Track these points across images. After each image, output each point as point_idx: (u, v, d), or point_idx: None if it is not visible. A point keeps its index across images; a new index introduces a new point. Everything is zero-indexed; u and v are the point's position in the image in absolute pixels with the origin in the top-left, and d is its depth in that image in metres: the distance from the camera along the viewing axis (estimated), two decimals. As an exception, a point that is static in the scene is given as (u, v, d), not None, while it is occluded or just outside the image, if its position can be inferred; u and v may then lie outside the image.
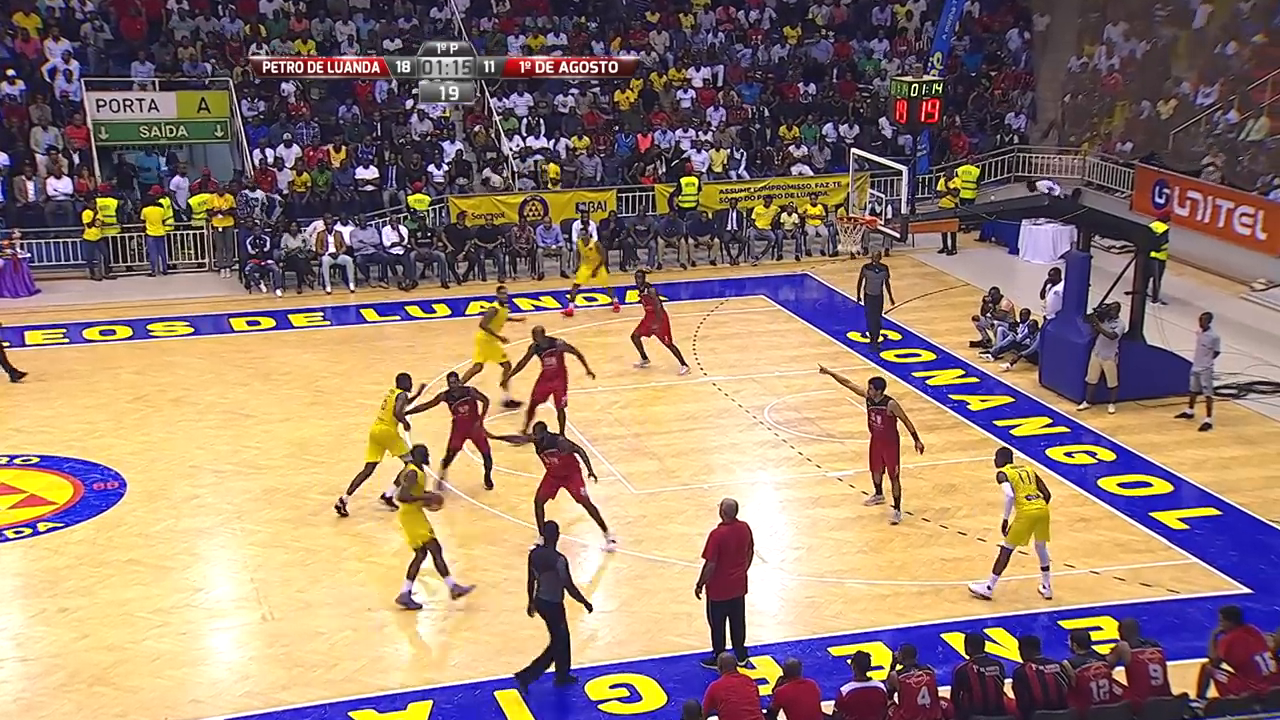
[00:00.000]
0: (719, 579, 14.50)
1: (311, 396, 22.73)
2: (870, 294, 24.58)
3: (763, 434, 21.25)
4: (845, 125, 35.24)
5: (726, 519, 14.60)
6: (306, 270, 28.77)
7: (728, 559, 14.47)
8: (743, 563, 14.59)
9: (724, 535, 14.51)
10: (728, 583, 14.55)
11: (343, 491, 18.50)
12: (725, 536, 14.50)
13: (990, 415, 22.00)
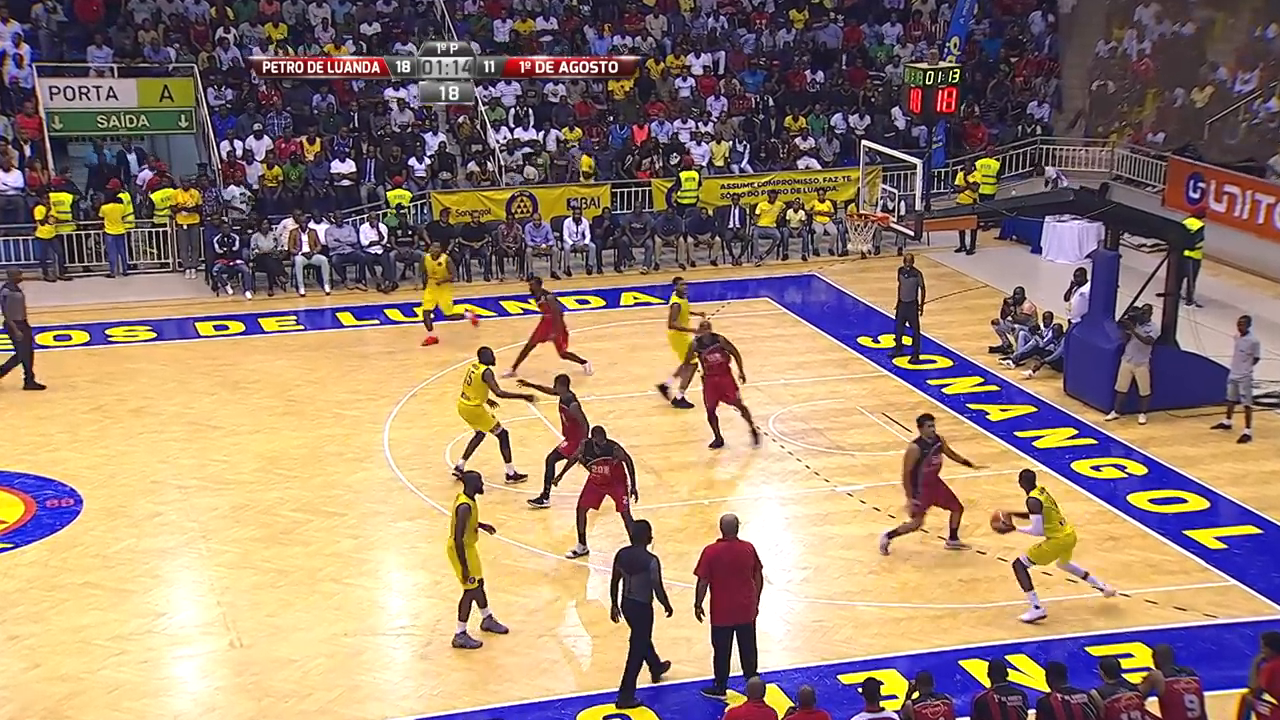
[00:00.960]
0: (719, 601, 14.43)
1: (283, 406, 22.68)
2: (903, 300, 24.52)
3: (767, 446, 21.20)
4: (855, 115, 35.25)
5: (724, 536, 14.53)
6: (278, 271, 28.72)
7: (722, 579, 14.38)
8: (743, 586, 14.46)
9: (717, 553, 14.46)
10: (728, 606, 14.46)
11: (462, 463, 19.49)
12: (719, 554, 14.44)
13: (1011, 426, 21.96)
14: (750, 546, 14.54)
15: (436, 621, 16.23)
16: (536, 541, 18.17)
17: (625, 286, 29.26)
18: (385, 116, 32.97)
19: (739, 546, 14.51)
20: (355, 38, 34.47)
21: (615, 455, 17.57)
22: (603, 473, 17.58)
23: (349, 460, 20.67)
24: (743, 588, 14.46)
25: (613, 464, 17.53)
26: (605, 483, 17.64)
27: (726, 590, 14.42)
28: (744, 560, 14.46)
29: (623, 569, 14.65)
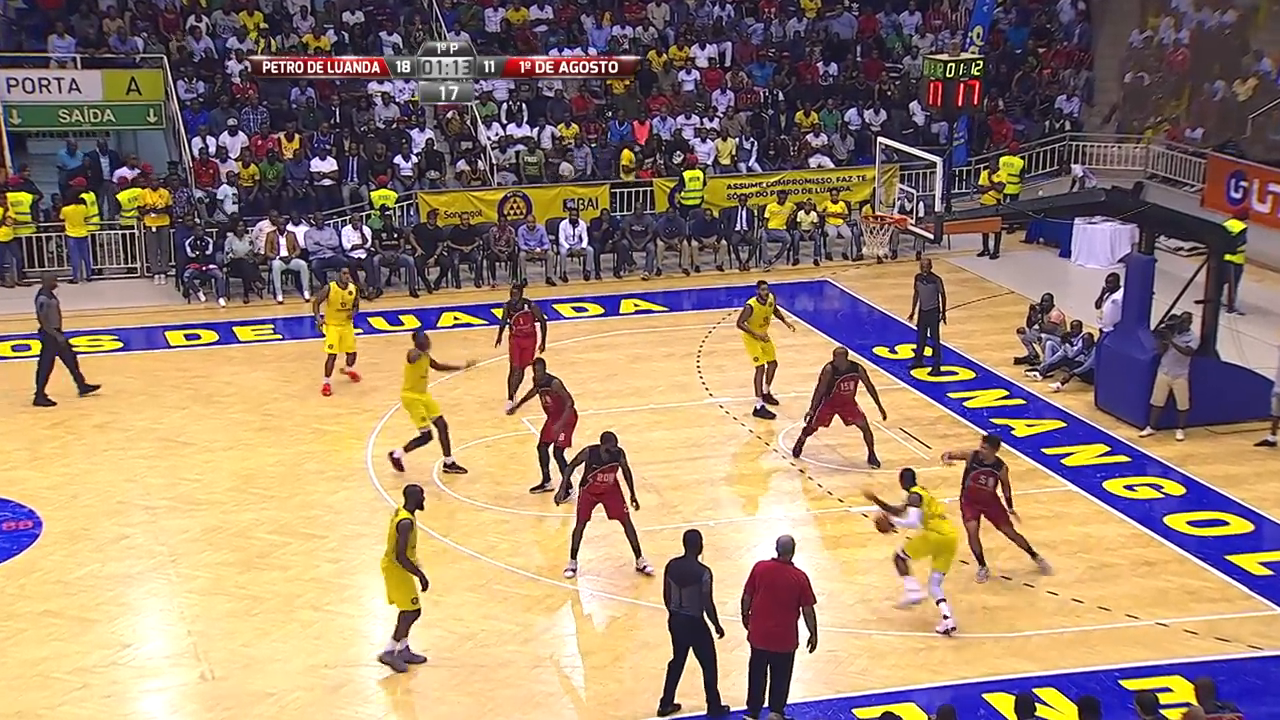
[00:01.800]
0: (754, 621, 14.53)
1: (260, 421, 22.66)
2: (923, 308, 24.52)
3: (777, 463, 21.20)
4: (871, 110, 35.26)
5: (778, 557, 14.55)
6: (254, 276, 28.73)
7: (762, 600, 14.45)
8: (782, 612, 14.46)
9: (760, 573, 14.54)
10: (763, 629, 14.53)
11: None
12: (765, 574, 14.51)
13: (1038, 442, 21.94)
14: (801, 577, 14.44)
15: (424, 652, 16.18)
16: (529, 565, 18.12)
17: (625, 293, 29.25)
18: (369, 111, 32.99)
19: (789, 573, 14.50)
20: (337, 26, 34.50)
21: (621, 463, 17.72)
22: (607, 481, 17.72)
23: (329, 479, 20.65)
24: (781, 614, 14.43)
25: (616, 472, 17.68)
26: (603, 492, 17.72)
27: (767, 613, 14.46)
28: (789, 588, 14.41)
29: (673, 580, 14.75)
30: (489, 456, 21.32)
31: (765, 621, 14.46)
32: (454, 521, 19.26)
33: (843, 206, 31.72)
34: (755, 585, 14.51)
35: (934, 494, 17.18)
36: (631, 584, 17.68)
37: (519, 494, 20.00)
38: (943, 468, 19.65)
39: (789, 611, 14.40)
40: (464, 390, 23.77)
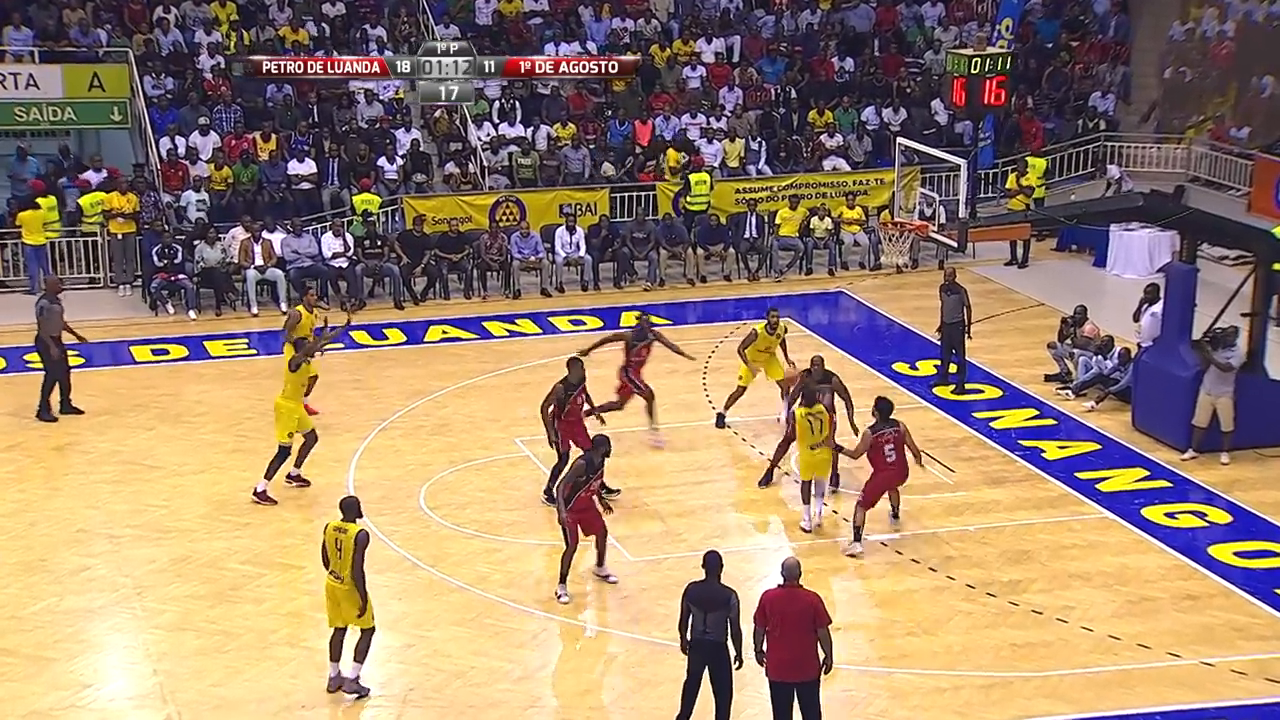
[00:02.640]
0: (772, 653, 14.54)
1: (233, 442, 22.63)
2: (946, 321, 24.50)
3: (788, 488, 21.15)
4: (890, 109, 35.28)
5: (785, 582, 14.57)
6: (227, 287, 28.71)
7: (778, 629, 14.48)
8: (801, 639, 14.49)
9: (769, 601, 14.56)
10: (782, 660, 14.53)
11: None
12: (775, 601, 14.54)
13: (1071, 465, 21.90)
14: (814, 598, 14.55)
15: (408, 691, 16.15)
16: (523, 598, 18.08)
17: (626, 305, 29.21)
18: (351, 110, 33.01)
19: (800, 596, 14.54)
20: (316, 19, 34.54)
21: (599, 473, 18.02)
22: (595, 490, 17.94)
23: (307, 504, 20.60)
24: (800, 641, 14.48)
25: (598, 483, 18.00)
26: (586, 506, 17.88)
27: (782, 642, 14.47)
28: (802, 612, 14.48)
29: (694, 605, 14.83)
30: (480, 480, 21.28)
31: (782, 651, 14.47)
32: (442, 550, 19.22)
33: (859, 212, 31.69)
34: (766, 614, 14.53)
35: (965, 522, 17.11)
36: (631, 618, 17.65)
37: (511, 521, 19.97)
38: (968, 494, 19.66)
39: (805, 637, 14.43)
40: (453, 410, 23.76)
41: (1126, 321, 25.25)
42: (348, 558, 15.60)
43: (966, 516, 20.14)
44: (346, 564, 15.61)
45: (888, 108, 35.31)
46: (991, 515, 20.13)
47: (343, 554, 15.63)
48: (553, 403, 20.16)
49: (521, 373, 25.45)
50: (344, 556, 15.62)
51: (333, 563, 15.75)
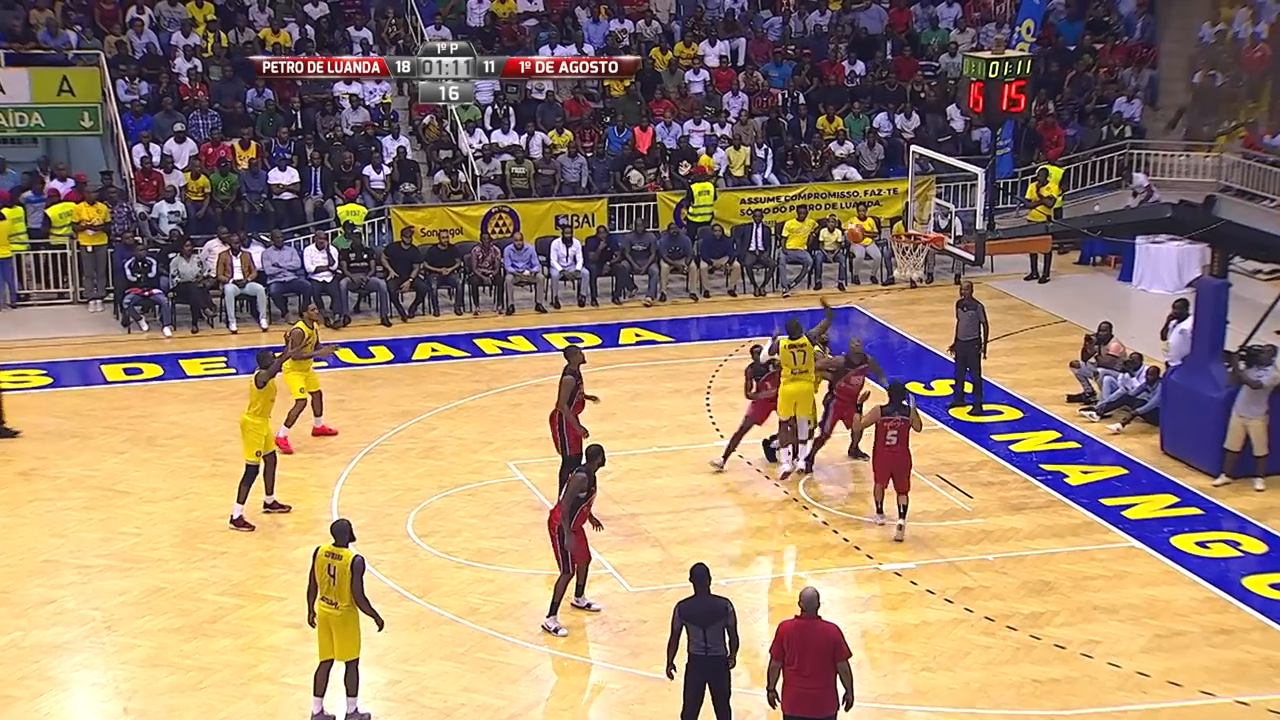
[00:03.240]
0: (788, 687, 14.50)
1: (210, 467, 22.61)
2: (961, 338, 24.49)
3: (796, 514, 21.16)
4: (903, 115, 35.29)
5: (803, 613, 14.53)
6: (204, 302, 28.70)
7: (795, 662, 14.43)
8: (819, 672, 14.44)
9: (788, 631, 14.53)
10: (798, 694, 14.49)
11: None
12: (792, 632, 14.50)
13: (1096, 492, 21.86)
14: (834, 630, 14.52)
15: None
16: (516, 631, 18.03)
17: (625, 322, 29.23)
18: (335, 116, 33.02)
19: (820, 627, 14.51)
20: (299, 21, 34.54)
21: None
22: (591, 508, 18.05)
23: (289, 532, 20.59)
24: (819, 675, 14.44)
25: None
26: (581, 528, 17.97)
27: (799, 675, 14.43)
28: (822, 644, 14.45)
29: (689, 623, 14.90)
30: (471, 506, 21.25)
31: (799, 685, 14.43)
32: (430, 580, 19.17)
33: (871, 224, 31.69)
34: (783, 647, 14.48)
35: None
36: (630, 651, 17.60)
37: (504, 549, 19.92)
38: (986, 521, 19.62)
39: (825, 671, 14.40)
40: (443, 431, 23.75)
41: (1154, 339, 25.23)
42: (344, 584, 15.57)
43: (985, 545, 20.09)
44: (343, 590, 15.58)
45: (901, 114, 35.31)
46: (1011, 544, 20.08)
47: (337, 581, 15.61)
48: (568, 394, 20.61)
49: (515, 393, 25.43)
50: (338, 583, 15.59)
51: (324, 590, 15.70)
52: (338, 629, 15.77)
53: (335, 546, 15.74)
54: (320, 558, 15.76)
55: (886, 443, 20.18)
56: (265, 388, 20.67)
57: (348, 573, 15.54)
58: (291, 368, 23.11)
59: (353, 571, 15.54)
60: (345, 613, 15.68)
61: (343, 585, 15.57)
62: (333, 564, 15.64)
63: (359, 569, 15.57)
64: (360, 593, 15.60)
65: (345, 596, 15.57)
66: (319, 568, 15.73)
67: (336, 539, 15.79)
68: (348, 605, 15.64)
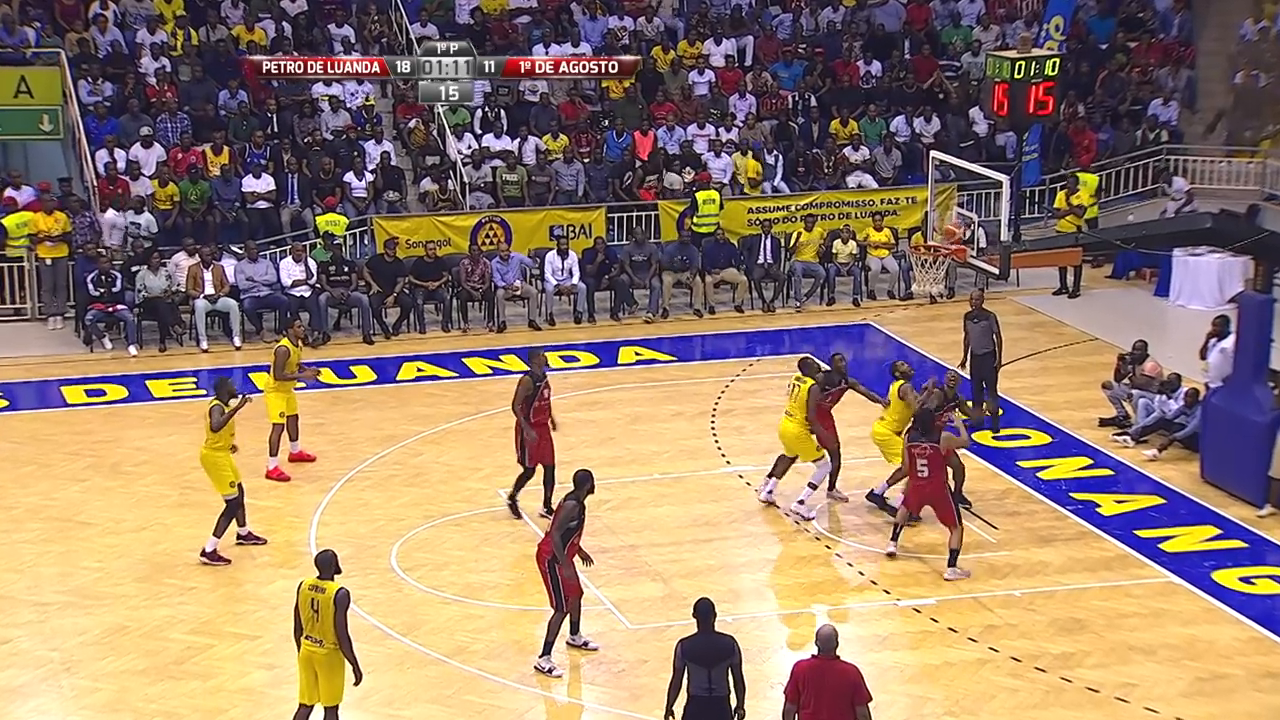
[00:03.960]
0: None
1: (178, 496, 22.58)
2: (975, 352, 24.45)
3: (808, 546, 21.11)
4: (922, 119, 35.30)
5: (819, 653, 14.52)
6: (173, 319, 28.67)
7: (811, 704, 14.40)
8: (835, 716, 14.41)
9: (804, 672, 14.50)
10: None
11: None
12: (808, 673, 14.47)
13: (1130, 522, 21.84)
14: (852, 671, 14.50)
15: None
16: (508, 671, 18.00)
17: (624, 340, 29.23)
18: (314, 119, 33.00)
19: (838, 668, 14.48)
20: (275, 17, 34.54)
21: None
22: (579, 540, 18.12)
23: (264, 565, 20.56)
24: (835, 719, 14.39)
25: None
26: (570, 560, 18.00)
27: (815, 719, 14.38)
28: (840, 686, 14.42)
29: (693, 663, 14.83)
30: (460, 537, 21.21)
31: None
32: (416, 617, 19.14)
33: (888, 235, 31.68)
34: (799, 689, 14.44)
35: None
36: (630, 693, 17.58)
37: (495, 583, 19.89)
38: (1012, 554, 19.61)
39: (843, 715, 14.37)
40: (430, 457, 23.73)
41: (1192, 358, 25.19)
42: (327, 620, 15.48)
43: (1011, 580, 20.04)
44: (327, 627, 15.49)
45: (920, 117, 35.31)
46: (1040, 578, 20.04)
47: (320, 616, 15.51)
48: (523, 395, 21.09)
49: (506, 416, 25.24)
50: (322, 619, 15.50)
51: (309, 627, 15.62)
52: (323, 670, 15.68)
53: (319, 579, 15.65)
54: (303, 591, 15.67)
55: (918, 474, 20.13)
56: (220, 432, 20.47)
57: (331, 607, 15.45)
58: (273, 388, 23.08)
59: (335, 606, 15.43)
60: (331, 652, 15.57)
61: (326, 621, 15.49)
62: (316, 598, 15.55)
63: (342, 604, 15.46)
64: (343, 631, 15.49)
65: (331, 633, 15.50)
66: (302, 602, 15.63)
67: (321, 571, 15.70)
68: (334, 643, 15.55)
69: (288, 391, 23.28)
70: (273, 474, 23.01)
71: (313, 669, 15.70)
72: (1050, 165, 34.97)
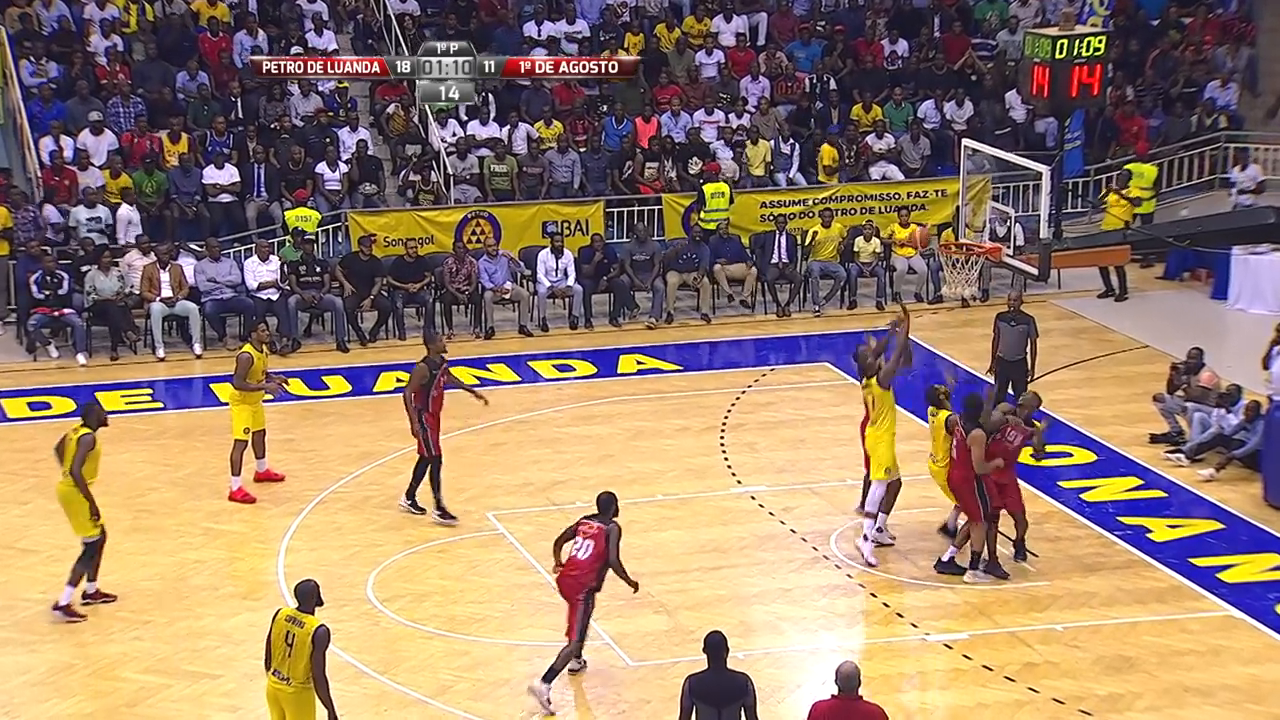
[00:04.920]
0: None
1: (131, 520, 22.55)
2: (1006, 358, 24.43)
3: (827, 574, 21.12)
4: (953, 103, 35.31)
5: (840, 692, 14.49)
6: (126, 324, 28.65)
7: None
8: None
9: (824, 713, 14.51)
10: None
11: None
12: (826, 715, 14.48)
13: (1185, 549, 21.82)
14: (877, 712, 14.51)
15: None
16: (495, 714, 18.00)
17: (625, 347, 29.25)
18: (282, 103, 32.99)
19: (860, 709, 14.47)
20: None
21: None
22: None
23: (226, 597, 20.54)
24: None
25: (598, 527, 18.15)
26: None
27: None
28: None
29: (701, 702, 14.80)
30: (443, 565, 21.20)
31: None
32: (395, 653, 19.15)
33: (914, 231, 31.63)
34: None
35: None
36: (633, 739, 17.57)
37: (481, 616, 19.85)
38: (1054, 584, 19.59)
39: None
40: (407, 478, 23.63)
41: (1253, 368, 25.25)
42: (301, 657, 15.40)
43: (1052, 613, 20.01)
44: (299, 664, 15.41)
45: (951, 101, 35.36)
46: (1084, 611, 20.02)
47: (294, 652, 15.44)
48: (417, 383, 21.78)
49: (495, 431, 25.40)
50: (295, 655, 15.43)
51: (276, 661, 15.57)
52: (291, 709, 15.62)
53: (299, 610, 15.62)
54: (279, 622, 15.62)
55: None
56: (95, 450, 20.16)
57: (308, 645, 15.37)
58: (237, 400, 23.03)
59: (314, 644, 15.36)
60: (299, 691, 15.51)
61: (299, 658, 15.42)
62: (293, 631, 15.47)
63: (321, 642, 15.37)
64: (320, 671, 15.43)
65: (300, 672, 15.43)
66: (276, 634, 15.59)
67: (301, 602, 15.66)
68: (302, 682, 15.49)
69: (253, 404, 23.22)
70: (236, 495, 22.98)
71: (279, 707, 15.66)
72: (1095, 154, 34.98)
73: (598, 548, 17.86)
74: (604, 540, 17.81)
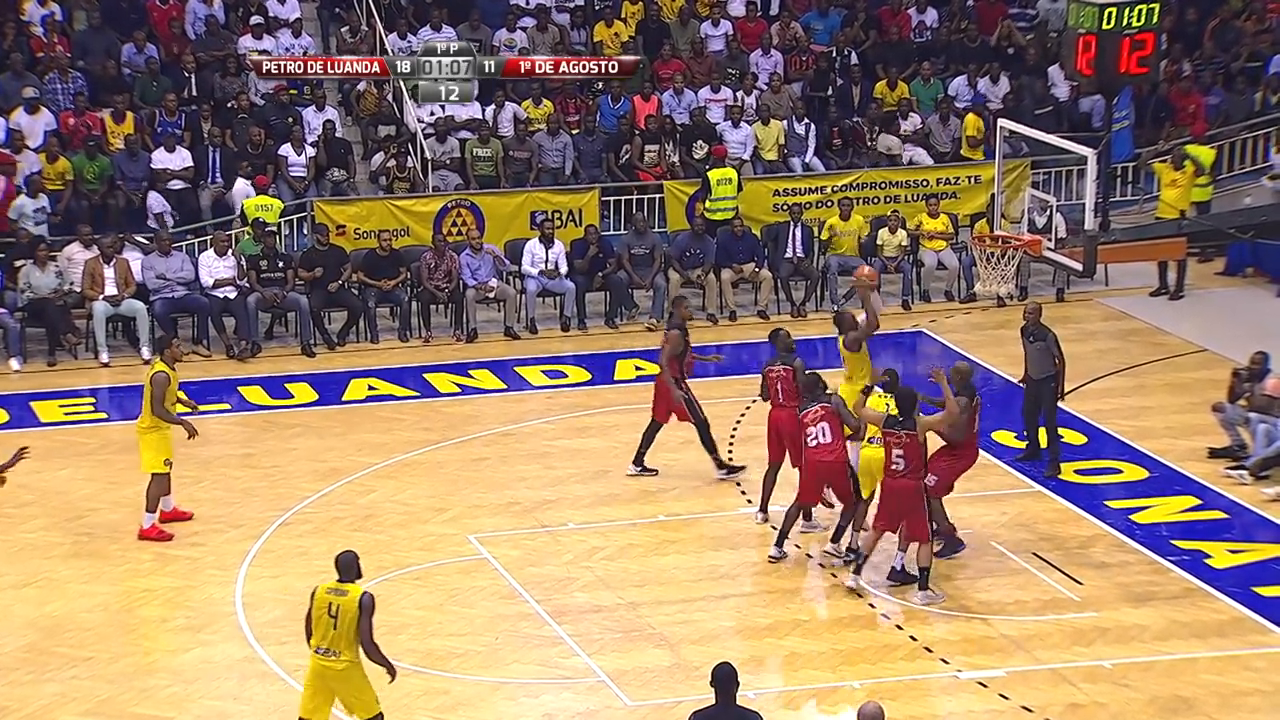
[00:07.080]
0: None
1: (71, 544, 22.56)
2: (1033, 376, 24.44)
3: (847, 605, 21.10)
4: (988, 79, 35.30)
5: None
6: (66, 326, 28.65)
7: None
8: None
9: None
10: None
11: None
12: None
13: (1248, 577, 21.81)
14: None
15: None
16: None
17: (622, 351, 29.26)
18: (240, 79, 32.95)
19: None
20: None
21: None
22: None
23: (178, 629, 20.55)
24: None
25: None
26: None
27: None
28: None
29: None
30: (420, 594, 21.17)
31: None
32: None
33: (945, 222, 31.68)
34: None
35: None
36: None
37: (462, 650, 19.82)
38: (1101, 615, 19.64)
39: None
40: (383, 495, 23.70)
41: (1322, 374, 25.23)
42: (348, 628, 16.04)
43: (1098, 647, 20.00)
44: (346, 636, 16.06)
45: (985, 77, 35.34)
46: (1135, 646, 20.00)
47: (340, 623, 16.04)
48: (669, 357, 23.36)
49: (478, 444, 25.41)
50: (341, 626, 16.04)
51: (322, 637, 16.15)
52: (343, 686, 16.26)
53: (340, 582, 16.17)
54: (319, 596, 16.26)
55: (892, 466, 20.59)
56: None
57: (354, 612, 15.97)
58: (151, 428, 22.46)
59: (361, 610, 16.01)
60: (350, 665, 16.17)
61: (347, 629, 16.00)
62: (336, 602, 16.09)
63: (368, 609, 16.06)
64: (369, 637, 16.11)
65: (349, 645, 16.04)
66: (317, 609, 16.19)
67: (341, 574, 16.25)
68: (352, 657, 16.14)
69: (168, 431, 22.66)
70: (148, 534, 22.61)
71: (327, 686, 16.27)
72: (1146, 136, 34.96)
73: (833, 426, 20.95)
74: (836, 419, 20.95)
